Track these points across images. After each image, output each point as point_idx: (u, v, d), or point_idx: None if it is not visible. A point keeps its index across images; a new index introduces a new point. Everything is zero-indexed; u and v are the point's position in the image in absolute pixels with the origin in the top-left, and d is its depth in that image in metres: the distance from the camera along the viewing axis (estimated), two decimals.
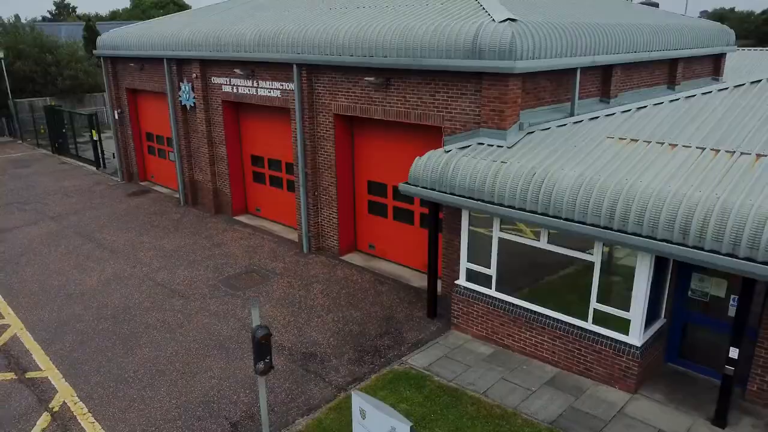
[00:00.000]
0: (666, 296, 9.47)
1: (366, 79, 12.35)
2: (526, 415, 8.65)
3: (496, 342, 10.57)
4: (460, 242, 10.85)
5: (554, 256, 9.45)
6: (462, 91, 10.99)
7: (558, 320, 9.64)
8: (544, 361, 9.98)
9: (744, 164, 8.24)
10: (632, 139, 9.52)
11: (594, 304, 9.16)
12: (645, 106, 10.38)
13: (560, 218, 8.79)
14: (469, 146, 10.58)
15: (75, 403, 9.41)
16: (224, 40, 15.74)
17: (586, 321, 9.33)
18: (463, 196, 9.96)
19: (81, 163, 26.88)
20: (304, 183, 14.79)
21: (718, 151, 8.69)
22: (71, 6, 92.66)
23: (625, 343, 8.90)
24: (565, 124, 10.53)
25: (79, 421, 8.99)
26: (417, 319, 11.75)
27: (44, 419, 9.06)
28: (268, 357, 6.69)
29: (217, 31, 16.11)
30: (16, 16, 42.70)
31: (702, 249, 7.52)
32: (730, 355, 7.94)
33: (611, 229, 8.29)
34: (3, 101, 34.13)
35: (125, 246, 16.17)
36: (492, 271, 10.38)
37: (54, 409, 9.29)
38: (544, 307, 9.81)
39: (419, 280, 13.32)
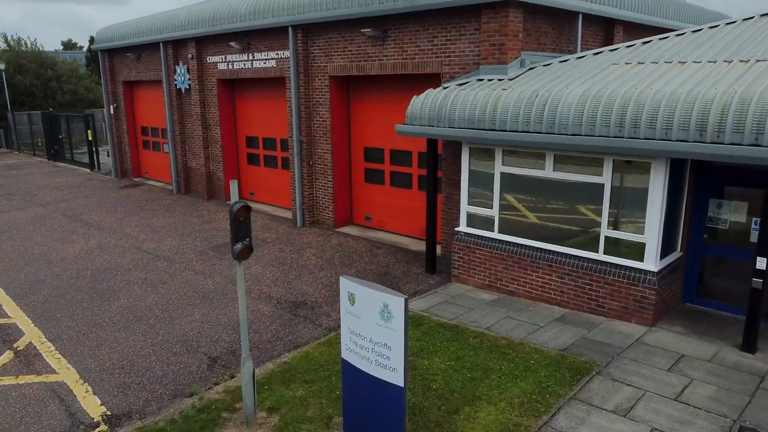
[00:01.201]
0: (681, 228, 8.82)
1: (363, 31, 12.02)
2: (534, 344, 7.87)
3: (499, 289, 9.83)
4: (460, 193, 10.25)
5: (560, 188, 8.86)
6: (461, 31, 10.64)
7: (566, 255, 8.94)
8: (552, 303, 9.22)
9: (760, 68, 7.75)
10: (639, 63, 9.08)
11: (605, 231, 8.49)
12: (650, 41, 9.98)
13: (566, 134, 8.24)
14: (468, 82, 10.14)
15: (42, 343, 8.63)
16: (220, 14, 15.59)
17: (597, 252, 8.65)
18: (463, 128, 9.44)
19: (75, 166, 26.49)
20: (299, 152, 14.29)
21: (730, 62, 8.22)
22: (78, 45, 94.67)
23: (641, 270, 8.19)
24: (567, 59, 10.12)
25: (45, 357, 8.20)
26: (415, 275, 11.04)
27: (6, 356, 8.28)
28: (246, 238, 6.03)
29: (214, 8, 16.01)
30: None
31: (722, 143, 6.96)
32: (757, 267, 7.24)
33: (622, 137, 7.74)
34: (2, 113, 34.06)
35: (113, 224, 15.56)
36: (494, 212, 9.74)
37: (18, 348, 8.51)
38: (551, 243, 9.14)
39: (417, 246, 12.64)
